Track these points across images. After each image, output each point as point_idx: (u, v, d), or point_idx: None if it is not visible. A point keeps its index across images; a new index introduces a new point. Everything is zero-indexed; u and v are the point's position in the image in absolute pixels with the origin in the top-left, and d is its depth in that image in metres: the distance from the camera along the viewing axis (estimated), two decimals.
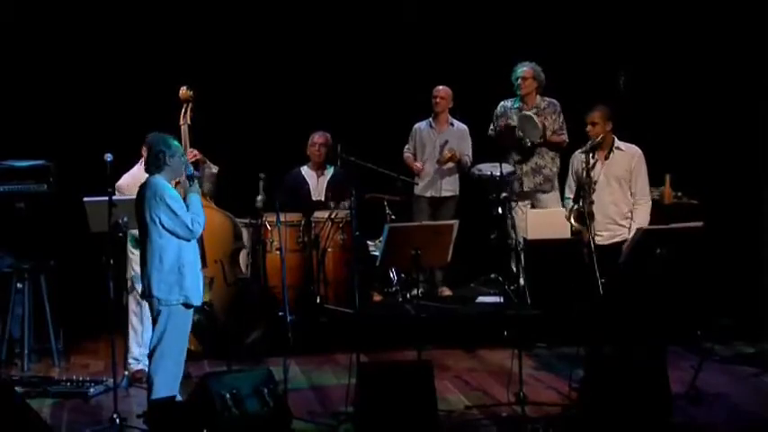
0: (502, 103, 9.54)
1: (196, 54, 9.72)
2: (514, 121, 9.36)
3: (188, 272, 6.63)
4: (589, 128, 7.76)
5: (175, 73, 8.86)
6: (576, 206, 7.54)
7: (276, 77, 10.01)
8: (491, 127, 9.58)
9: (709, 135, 9.76)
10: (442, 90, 9.67)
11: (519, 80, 9.36)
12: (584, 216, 7.48)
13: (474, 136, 9.66)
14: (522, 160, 9.40)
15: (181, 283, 6.61)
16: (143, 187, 6.71)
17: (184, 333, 6.71)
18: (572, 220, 7.57)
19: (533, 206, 9.39)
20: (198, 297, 6.72)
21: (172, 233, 6.59)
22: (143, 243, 6.70)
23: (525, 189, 9.43)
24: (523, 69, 9.36)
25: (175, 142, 6.80)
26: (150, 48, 9.73)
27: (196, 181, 6.81)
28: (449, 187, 9.67)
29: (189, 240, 6.67)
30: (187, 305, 6.65)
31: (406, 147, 9.79)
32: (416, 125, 9.79)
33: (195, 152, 8.14)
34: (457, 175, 9.68)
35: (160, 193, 6.58)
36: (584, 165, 7.60)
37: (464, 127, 9.71)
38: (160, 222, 6.57)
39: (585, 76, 9.47)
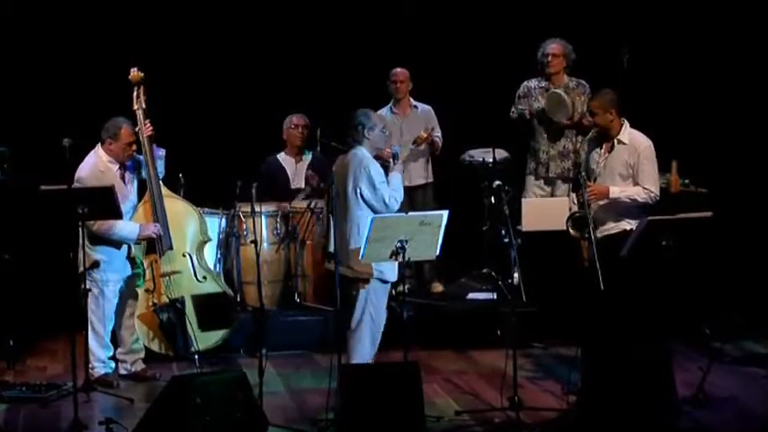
0: (525, 83, 9.25)
1: (163, 36, 9.72)
2: (540, 103, 9.13)
3: None
4: (590, 118, 7.61)
5: (138, 55, 8.81)
6: (576, 212, 7.41)
7: (248, 63, 10.01)
8: (512, 109, 9.30)
9: (720, 118, 9.76)
10: (400, 73, 9.44)
11: (548, 57, 9.06)
12: (582, 222, 7.33)
13: (464, 120, 9.59)
14: (550, 143, 9.19)
15: None
16: (344, 159, 7.23)
17: (381, 307, 7.26)
18: (570, 228, 7.41)
19: (552, 194, 9.16)
20: (393, 273, 7.21)
21: (369, 206, 7.12)
22: (341, 217, 7.21)
23: (551, 175, 9.20)
24: (553, 46, 9.06)
25: (375, 115, 7.37)
26: (111, 30, 9.73)
27: (400, 160, 7.42)
28: (420, 174, 9.52)
29: None
30: (383, 280, 7.16)
31: None
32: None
33: (150, 128, 8.06)
34: (427, 161, 9.54)
35: (365, 164, 7.17)
36: (585, 156, 7.50)
37: (428, 107, 9.56)
38: (360, 194, 7.14)
39: (587, 53, 9.39)
